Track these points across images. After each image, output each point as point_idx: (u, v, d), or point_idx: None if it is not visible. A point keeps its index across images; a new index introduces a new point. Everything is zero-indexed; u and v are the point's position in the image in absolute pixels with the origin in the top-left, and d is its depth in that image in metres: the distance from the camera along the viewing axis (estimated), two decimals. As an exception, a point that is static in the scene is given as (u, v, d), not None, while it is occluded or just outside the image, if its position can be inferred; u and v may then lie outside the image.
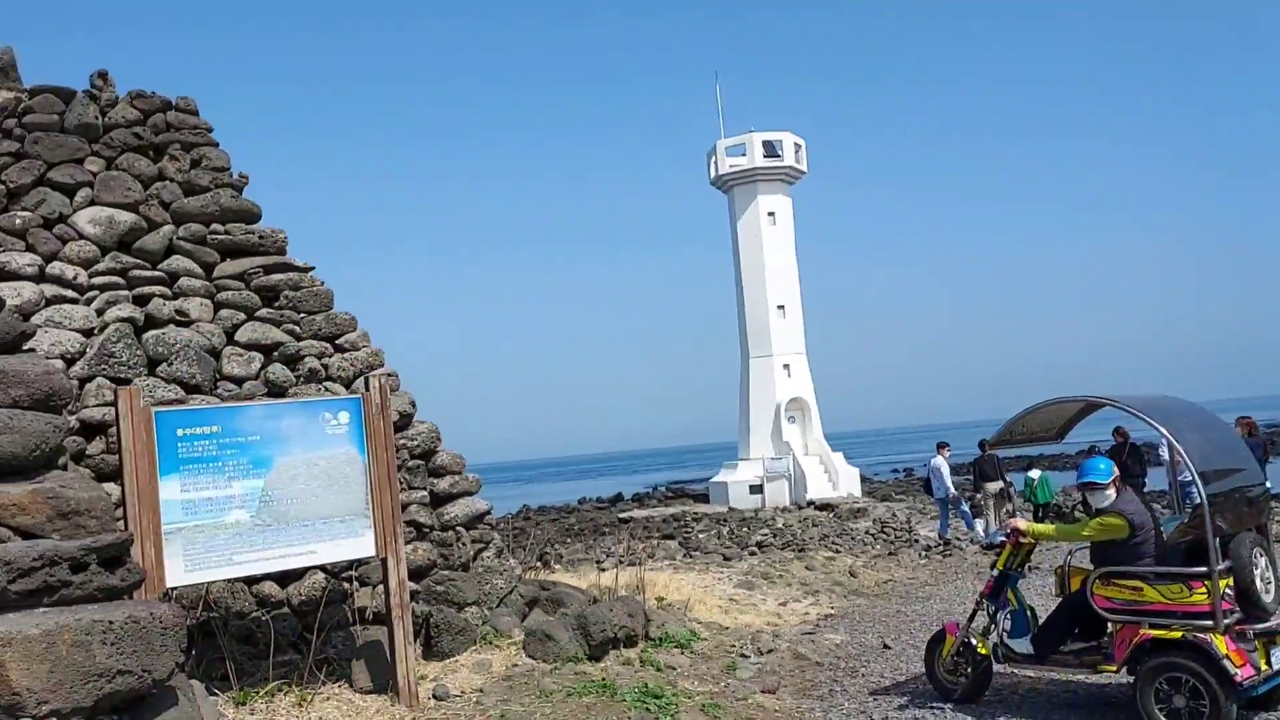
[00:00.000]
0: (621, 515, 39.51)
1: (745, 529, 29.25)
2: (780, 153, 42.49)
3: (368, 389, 8.56)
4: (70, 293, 9.88)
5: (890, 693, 9.36)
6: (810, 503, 37.45)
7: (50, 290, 9.76)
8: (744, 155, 42.17)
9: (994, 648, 8.57)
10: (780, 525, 29.46)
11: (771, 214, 42.79)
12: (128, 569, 5.74)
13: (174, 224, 10.64)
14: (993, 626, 8.67)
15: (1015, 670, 8.86)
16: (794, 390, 41.72)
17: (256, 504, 7.98)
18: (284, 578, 9.58)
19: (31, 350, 7.51)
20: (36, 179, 10.06)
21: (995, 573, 8.75)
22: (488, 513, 10.77)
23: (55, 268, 9.88)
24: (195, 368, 9.90)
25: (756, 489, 40.41)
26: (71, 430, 8.76)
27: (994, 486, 21.81)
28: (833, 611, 14.18)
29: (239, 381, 10.19)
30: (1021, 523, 8.85)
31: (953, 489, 22.69)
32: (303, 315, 10.82)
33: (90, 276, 10.08)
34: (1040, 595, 12.60)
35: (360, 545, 8.38)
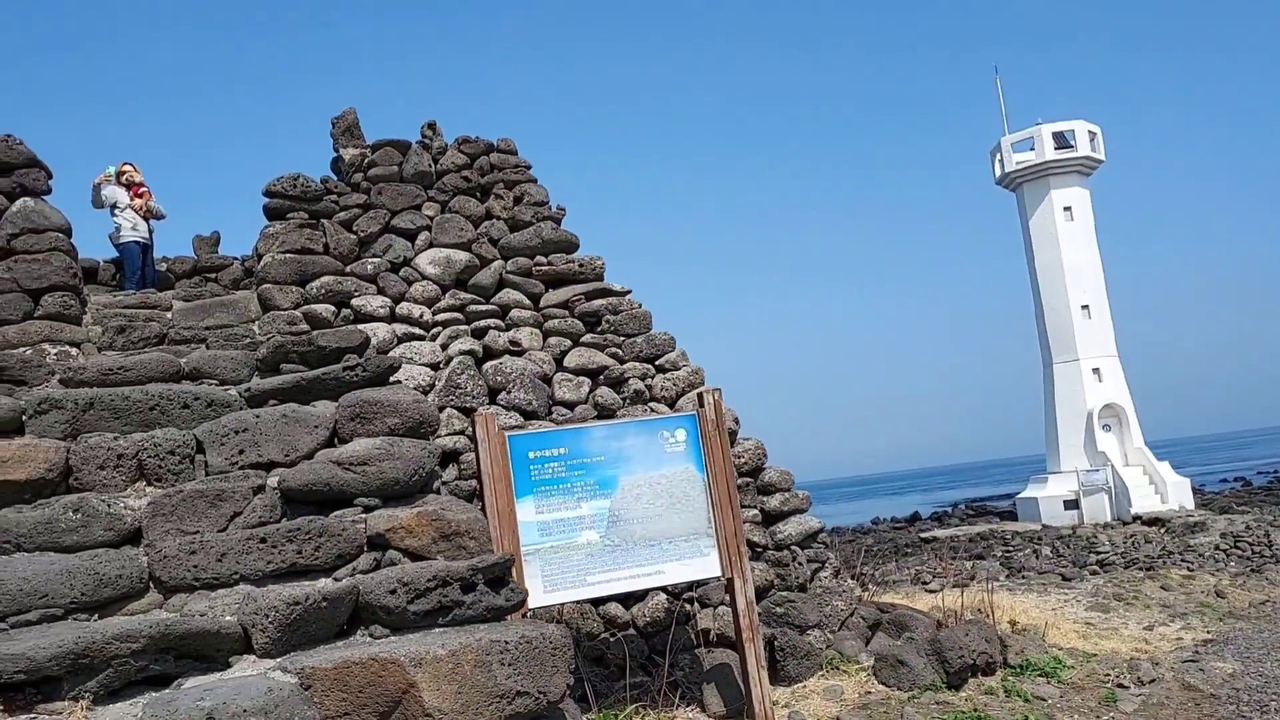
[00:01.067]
0: (923, 534, 37.67)
1: (1068, 546, 26.86)
2: (1073, 143, 39.32)
3: (701, 405, 8.38)
4: (418, 330, 10.52)
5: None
6: (1136, 517, 34.01)
7: (401, 329, 10.43)
8: (1032, 150, 39.40)
9: None
10: (1106, 542, 26.84)
11: (1068, 208, 39.67)
12: (511, 589, 5.80)
13: (502, 259, 11.10)
14: None
15: None
16: (1107, 395, 38.19)
17: (605, 524, 7.99)
18: (627, 599, 9.60)
19: (399, 383, 7.98)
20: (383, 227, 10.84)
21: None
22: (820, 530, 10.32)
23: (404, 308, 10.57)
24: (531, 394, 10.20)
25: (1071, 504, 37.28)
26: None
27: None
28: (1210, 636, 12.44)
29: (570, 406, 10.40)
30: None
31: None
32: (624, 338, 10.92)
33: (433, 314, 10.69)
34: None
35: (705, 565, 8.18)
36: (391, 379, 7.93)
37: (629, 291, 11.20)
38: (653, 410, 10.50)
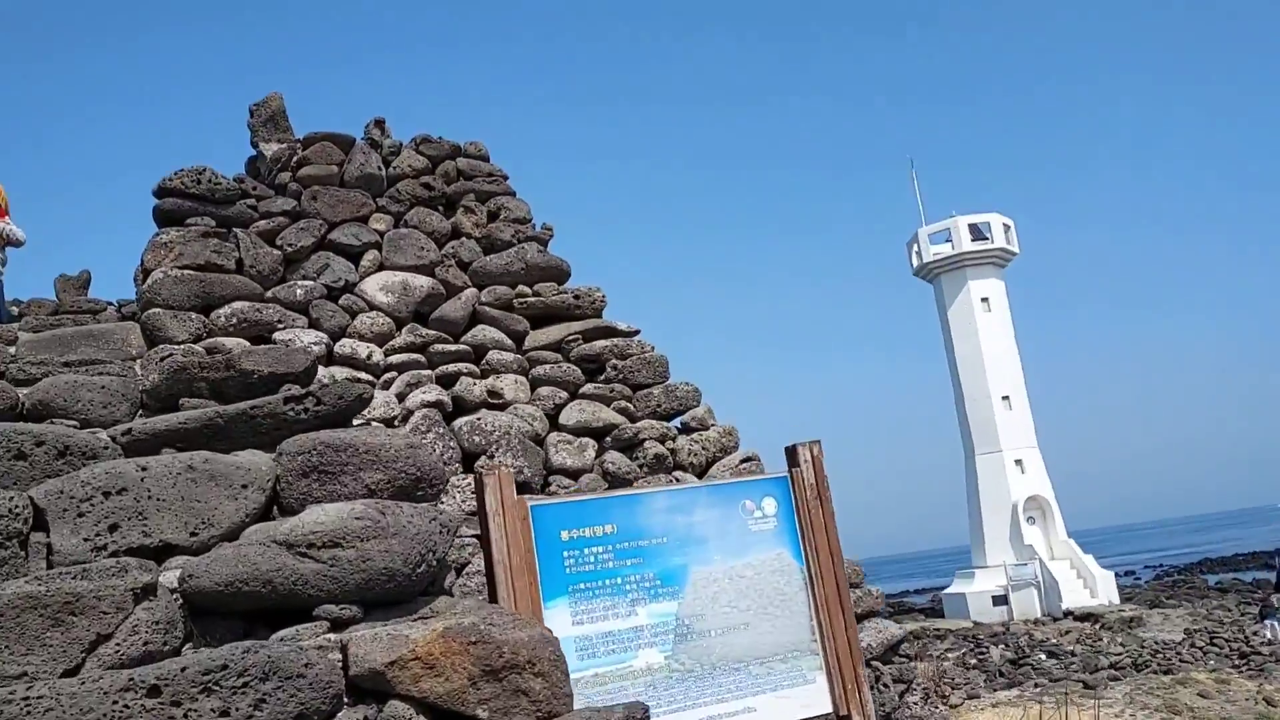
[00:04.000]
0: (860, 636, 35.25)
1: (1029, 648, 25.01)
2: (989, 235, 39.16)
3: (794, 463, 5.95)
4: (364, 375, 7.84)
5: None
6: (1068, 613, 32.62)
7: (341, 373, 7.73)
8: (948, 241, 39.04)
9: None
10: (1054, 643, 25.15)
11: (985, 299, 39.22)
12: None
13: (475, 287, 8.58)
14: None
15: None
16: (1030, 488, 37.20)
17: (671, 639, 5.41)
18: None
19: (369, 423, 5.34)
20: (317, 241, 8.21)
21: None
22: (903, 640, 7.87)
23: (346, 345, 7.89)
24: (521, 460, 7.60)
25: (1000, 599, 35.70)
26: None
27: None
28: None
29: (573, 474, 7.82)
30: None
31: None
32: (635, 389, 8.47)
33: (386, 355, 8.05)
34: None
35: (811, 697, 5.63)
36: (358, 419, 5.29)
37: (638, 331, 8.81)
38: (678, 481, 8.00)
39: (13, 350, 7.15)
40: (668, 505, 5.65)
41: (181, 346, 7.30)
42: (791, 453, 6.00)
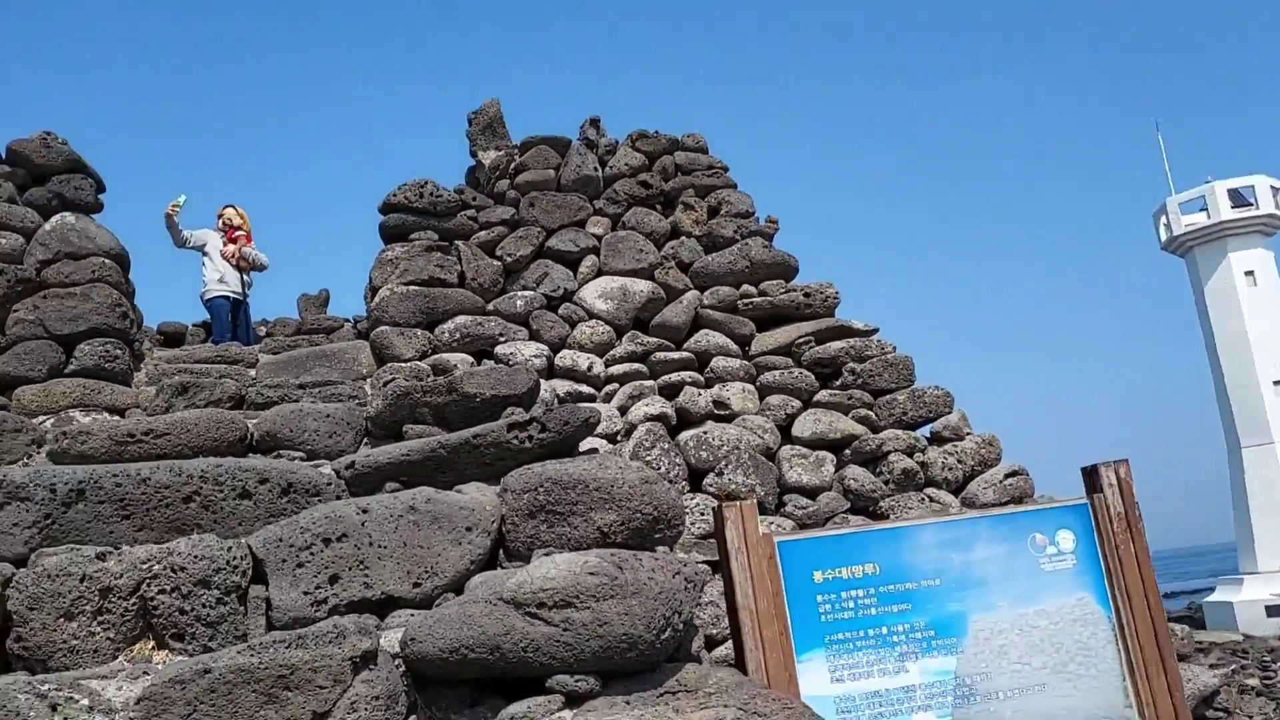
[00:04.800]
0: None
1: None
2: (1253, 200, 34.90)
3: (1096, 487, 4.99)
4: (585, 388, 7.47)
5: None
6: (1364, 628, 28.43)
7: (562, 386, 7.40)
8: (1203, 210, 35.08)
9: None
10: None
11: (1249, 273, 34.98)
12: None
13: (697, 289, 8.04)
14: None
15: None
16: (1310, 484, 32.82)
17: (950, 702, 4.61)
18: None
19: (595, 450, 4.89)
20: (536, 250, 7.92)
21: None
22: (1217, 692, 6.64)
23: (566, 357, 7.54)
24: (752, 477, 6.98)
25: (1275, 610, 31.72)
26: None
27: None
28: None
29: (810, 493, 7.12)
30: None
31: None
32: (876, 395, 7.66)
33: (606, 365, 7.65)
34: None
35: (1120, 770, 4.68)
36: (585, 444, 4.84)
37: (875, 329, 7.99)
38: (931, 500, 7.13)
39: (253, 373, 7.24)
40: (939, 539, 4.84)
41: (407, 365, 7.16)
42: (1091, 475, 5.03)
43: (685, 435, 7.30)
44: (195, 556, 3.35)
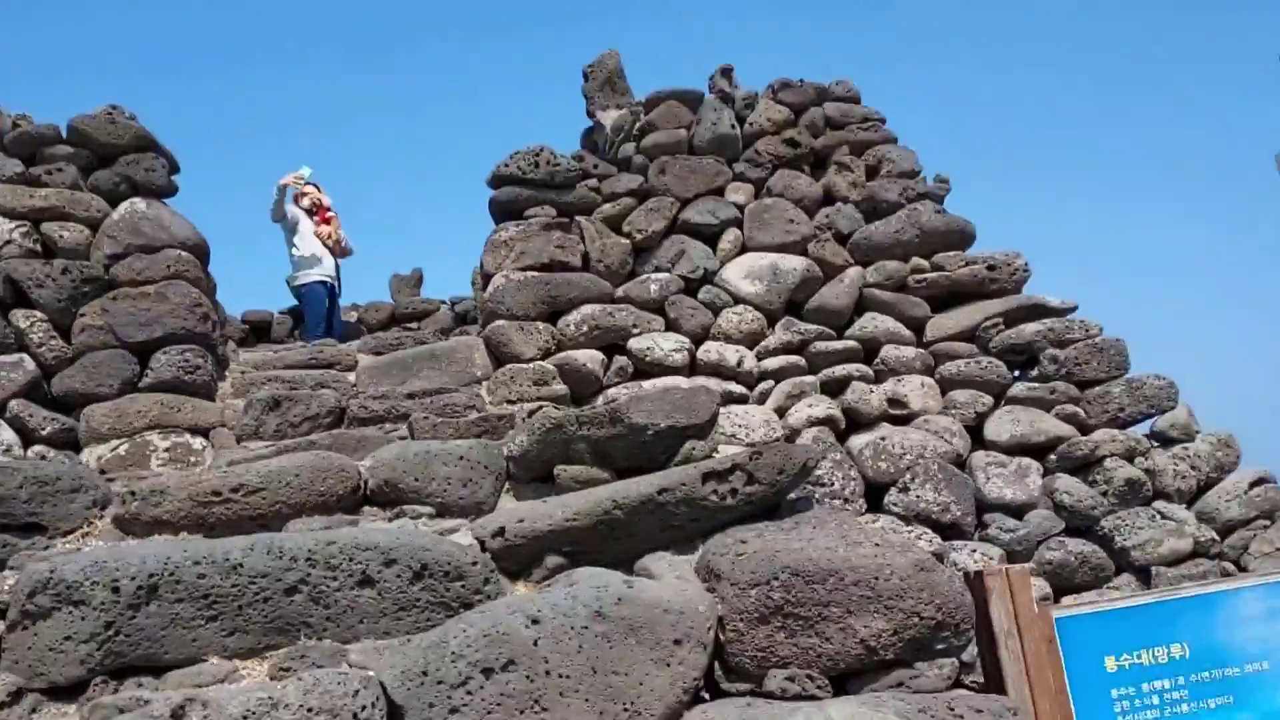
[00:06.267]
0: None
1: None
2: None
3: None
4: (736, 387, 6.35)
5: None
6: None
7: (709, 384, 6.28)
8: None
9: None
10: None
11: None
12: None
13: (859, 264, 6.83)
14: None
15: None
16: None
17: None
18: None
19: (811, 496, 3.75)
20: (669, 224, 6.78)
21: None
22: None
23: (710, 350, 6.42)
24: (945, 493, 5.79)
25: None
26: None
27: None
28: None
29: (1015, 511, 5.92)
30: None
31: None
32: (1083, 387, 6.38)
33: (758, 359, 6.51)
34: None
35: None
36: (806, 484, 3.73)
37: (1074, 307, 6.68)
38: (1163, 516, 5.87)
39: (351, 378, 6.29)
40: (1268, 607, 3.63)
41: (529, 366, 6.13)
42: None
43: (857, 442, 6.14)
44: (309, 709, 2.33)
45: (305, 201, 8.50)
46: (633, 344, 6.36)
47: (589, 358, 6.24)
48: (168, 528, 3.45)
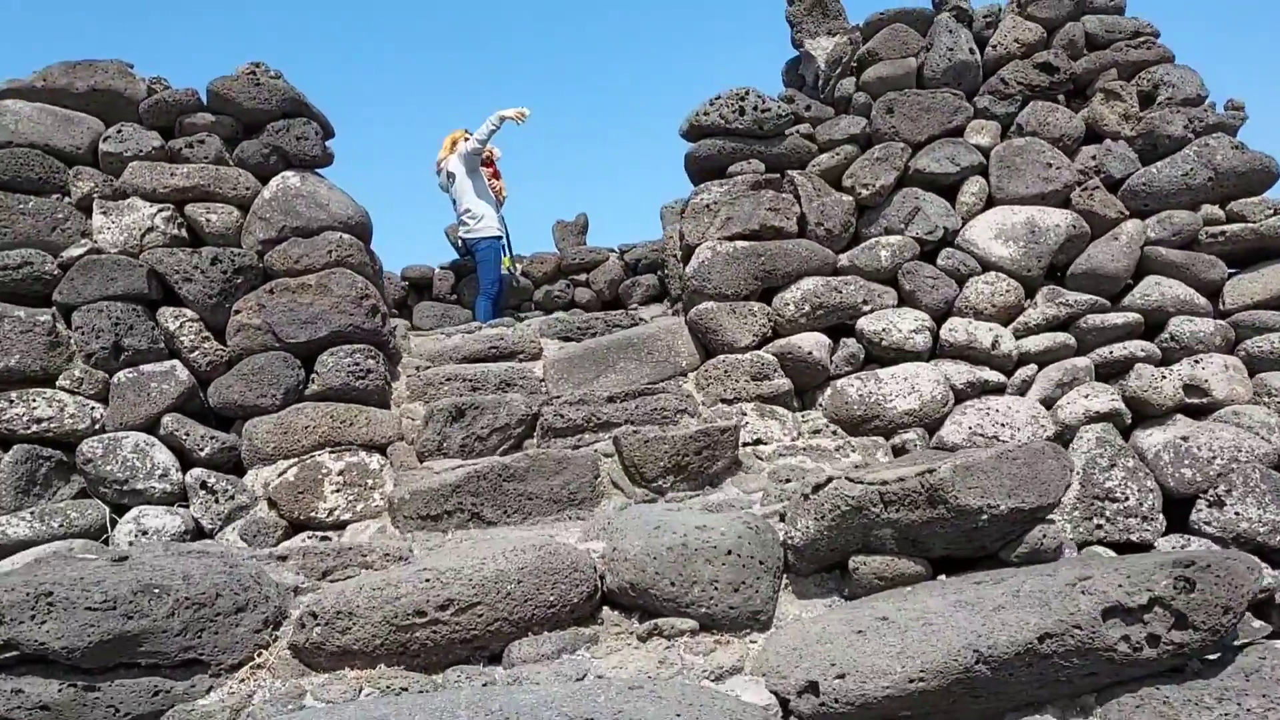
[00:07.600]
0: None
1: None
2: None
3: None
4: (990, 374, 5.25)
5: None
6: None
7: (955, 372, 5.22)
8: None
9: None
10: None
11: None
12: None
13: (1136, 216, 5.55)
14: None
15: None
16: None
17: None
18: None
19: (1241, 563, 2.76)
20: (899, 175, 5.62)
21: None
22: None
23: (957, 329, 5.33)
24: (1272, 509, 4.63)
25: None
26: None
27: None
28: None
29: (1366, 535, 4.68)
30: None
31: None
32: None
33: (1016, 337, 5.37)
34: None
35: None
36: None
37: None
38: None
39: (537, 370, 5.48)
40: None
41: (746, 357, 5.17)
42: None
43: (1150, 441, 5.00)
44: None
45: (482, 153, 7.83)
46: (864, 324, 5.32)
47: (814, 343, 5.24)
48: (360, 658, 2.69)
